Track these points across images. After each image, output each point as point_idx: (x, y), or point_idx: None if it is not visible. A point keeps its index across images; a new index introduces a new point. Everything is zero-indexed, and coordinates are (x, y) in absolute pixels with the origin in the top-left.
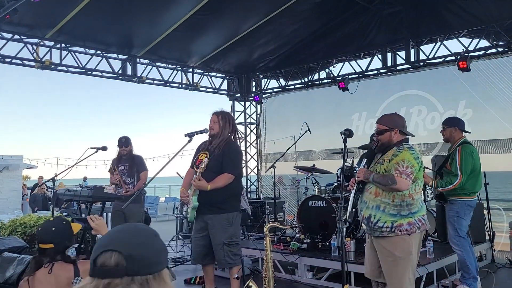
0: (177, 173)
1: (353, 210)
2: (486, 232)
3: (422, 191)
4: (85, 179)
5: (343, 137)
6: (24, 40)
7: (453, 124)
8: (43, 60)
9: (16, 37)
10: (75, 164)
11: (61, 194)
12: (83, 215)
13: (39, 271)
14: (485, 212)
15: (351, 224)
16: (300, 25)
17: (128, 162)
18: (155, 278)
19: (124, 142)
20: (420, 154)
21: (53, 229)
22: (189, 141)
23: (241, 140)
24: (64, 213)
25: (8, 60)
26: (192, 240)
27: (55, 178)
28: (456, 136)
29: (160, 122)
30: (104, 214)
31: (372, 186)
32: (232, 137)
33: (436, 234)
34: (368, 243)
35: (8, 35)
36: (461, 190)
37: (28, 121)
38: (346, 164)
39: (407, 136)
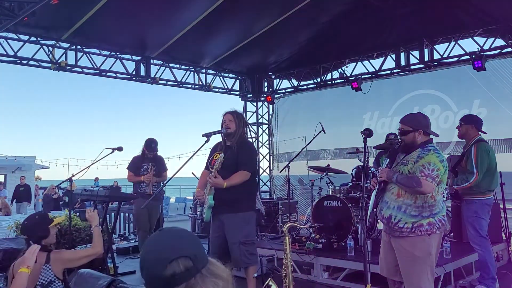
0: (192, 173)
1: (374, 210)
2: (503, 232)
3: None
4: (96, 180)
5: (363, 136)
6: (40, 42)
7: (470, 122)
8: (59, 61)
9: (33, 39)
10: (92, 164)
11: (77, 194)
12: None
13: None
14: (502, 212)
15: (371, 223)
16: (313, 26)
17: (154, 162)
18: (210, 262)
19: (154, 148)
20: (445, 157)
21: (25, 223)
22: (206, 141)
23: (253, 139)
24: (77, 213)
25: (25, 61)
26: (210, 240)
27: (72, 178)
28: (471, 134)
29: (171, 122)
30: (121, 214)
31: (394, 187)
32: (245, 135)
33: (452, 234)
34: (384, 241)
35: (25, 37)
36: (477, 188)
37: (40, 121)
38: (359, 163)
39: (431, 137)
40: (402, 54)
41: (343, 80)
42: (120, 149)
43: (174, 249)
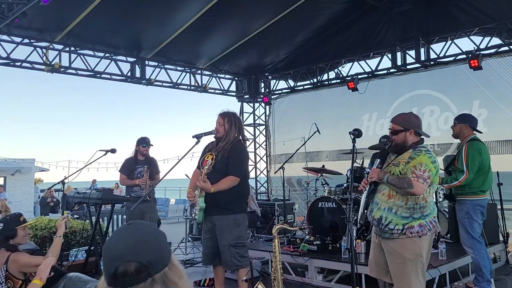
0: (185, 174)
1: (365, 211)
2: (500, 233)
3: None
4: (94, 182)
5: (352, 137)
6: (33, 43)
7: (464, 121)
8: (52, 63)
9: (26, 40)
10: (85, 166)
11: (70, 197)
12: (93, 218)
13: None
14: (499, 213)
15: (362, 225)
16: (309, 26)
17: (147, 164)
18: (169, 267)
19: (148, 142)
20: (436, 158)
21: None
22: (197, 143)
23: (247, 142)
24: (75, 216)
25: (18, 63)
26: (202, 241)
27: (65, 181)
28: (465, 133)
29: (169, 124)
30: (119, 216)
31: (385, 188)
32: (238, 139)
33: (449, 235)
34: (374, 243)
35: (18, 39)
36: (469, 188)
37: (40, 124)
38: (356, 165)
39: (422, 137)
40: (399, 54)
41: (339, 80)
42: (113, 151)
43: (132, 252)
